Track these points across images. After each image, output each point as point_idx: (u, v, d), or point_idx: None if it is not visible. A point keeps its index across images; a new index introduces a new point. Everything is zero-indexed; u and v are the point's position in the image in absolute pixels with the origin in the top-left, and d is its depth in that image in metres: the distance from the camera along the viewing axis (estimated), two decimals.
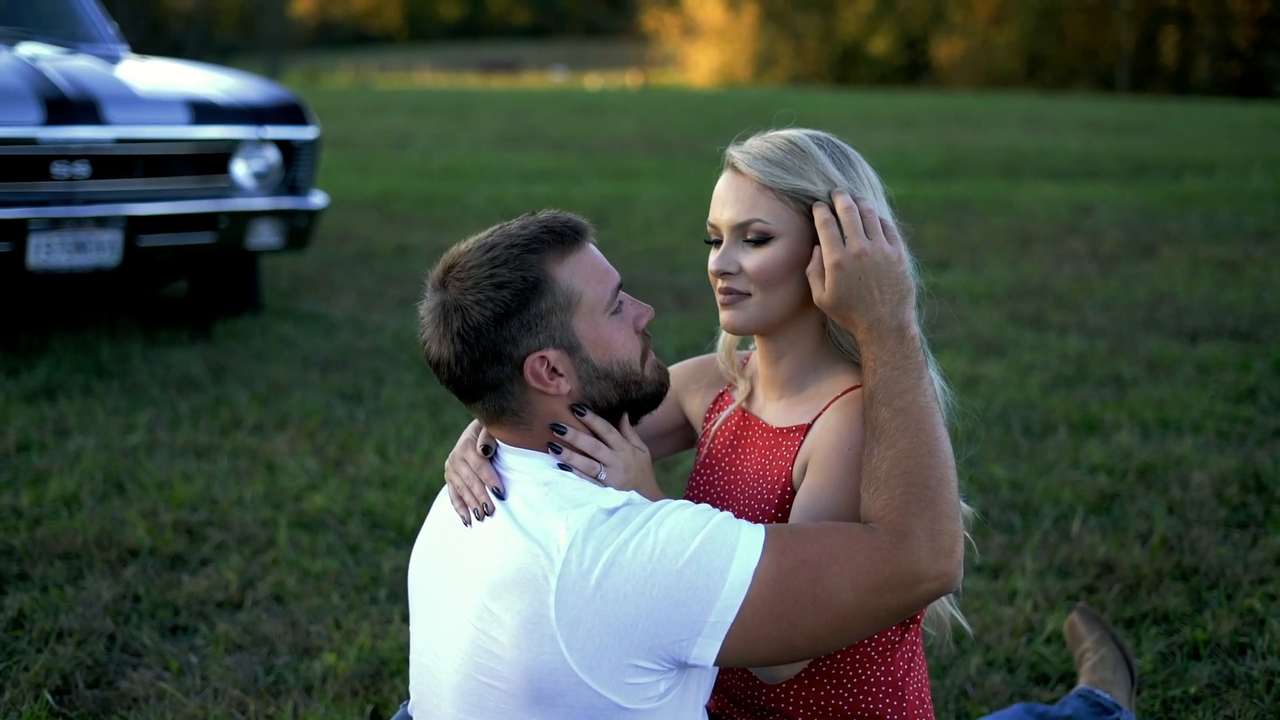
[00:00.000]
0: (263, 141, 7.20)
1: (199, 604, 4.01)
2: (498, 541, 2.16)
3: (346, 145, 19.50)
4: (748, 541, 2.06)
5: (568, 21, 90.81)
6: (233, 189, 7.17)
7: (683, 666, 2.09)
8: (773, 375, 2.41)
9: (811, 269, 2.24)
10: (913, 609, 2.09)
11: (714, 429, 2.53)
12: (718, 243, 2.33)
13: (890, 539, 2.07)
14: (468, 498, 2.25)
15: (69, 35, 8.28)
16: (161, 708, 3.40)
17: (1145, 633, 3.73)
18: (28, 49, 7.57)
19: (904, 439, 2.13)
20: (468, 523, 2.24)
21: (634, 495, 2.17)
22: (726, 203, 2.31)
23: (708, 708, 2.42)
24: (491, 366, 2.17)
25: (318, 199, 7.44)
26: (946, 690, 3.45)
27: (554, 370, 2.18)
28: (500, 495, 2.21)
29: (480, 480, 2.25)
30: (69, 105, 6.62)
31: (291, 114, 7.37)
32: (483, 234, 2.26)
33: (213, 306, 7.81)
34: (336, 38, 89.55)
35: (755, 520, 2.33)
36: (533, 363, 2.17)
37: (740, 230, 2.29)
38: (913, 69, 57.40)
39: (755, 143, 2.33)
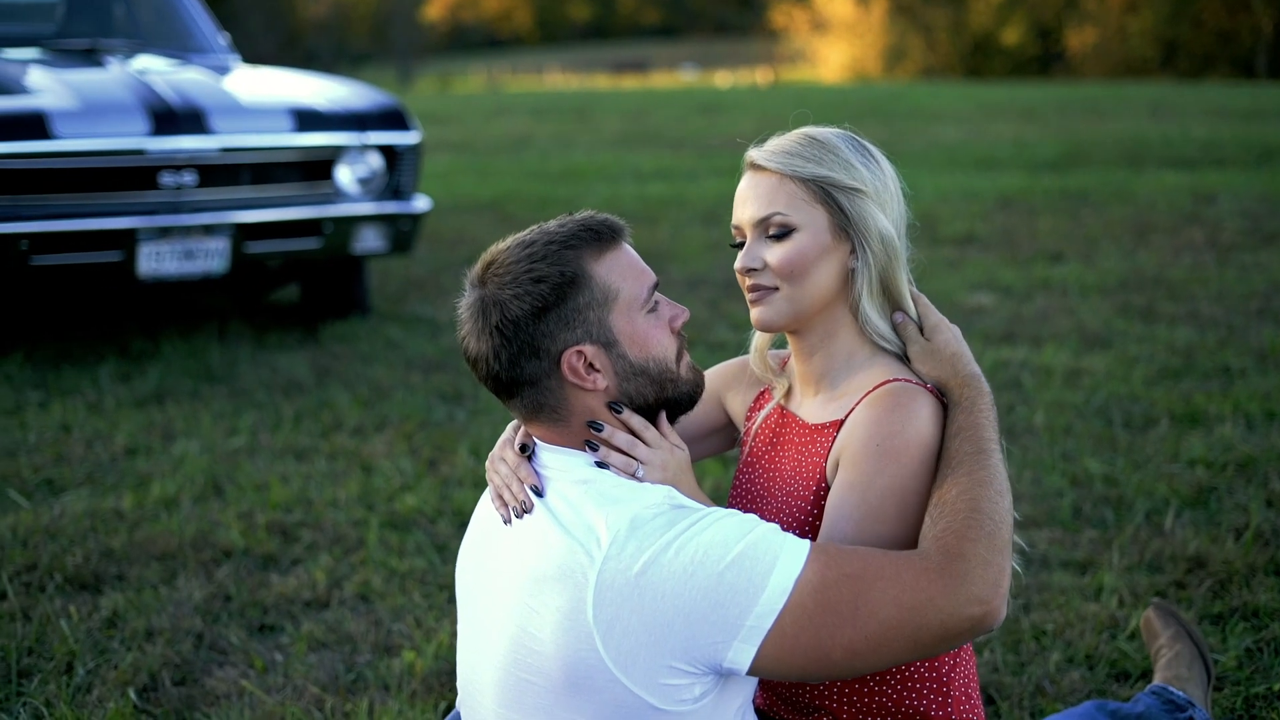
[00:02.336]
0: (366, 147, 7.31)
1: (287, 603, 4.08)
2: (537, 539, 2.18)
3: (467, 149, 19.68)
4: (792, 551, 2.05)
5: (697, 20, 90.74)
6: (337, 195, 7.29)
7: (718, 672, 2.09)
8: (807, 371, 2.40)
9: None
10: (951, 638, 2.07)
11: (754, 427, 2.53)
12: (743, 244, 2.34)
13: (941, 558, 2.07)
14: (507, 496, 2.27)
15: (181, 47, 8.48)
16: (242, 705, 3.47)
17: (1232, 629, 3.65)
18: (141, 62, 7.77)
19: (979, 472, 2.16)
20: (507, 521, 2.26)
21: (675, 493, 2.17)
22: (747, 201, 2.33)
23: (755, 704, 2.43)
24: (529, 361, 2.19)
25: (421, 203, 7.53)
26: (1022, 687, 3.40)
27: (591, 365, 2.20)
28: (539, 493, 2.22)
29: (518, 479, 2.27)
30: (175, 116, 6.77)
31: (394, 120, 7.47)
32: (521, 233, 2.28)
33: (321, 311, 7.93)
34: (468, 42, 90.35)
35: (792, 517, 2.33)
36: (570, 357, 2.18)
37: (762, 226, 2.30)
38: (1046, 59, 56.56)
39: (774, 140, 2.35)
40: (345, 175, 7.29)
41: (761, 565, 2.03)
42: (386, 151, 7.40)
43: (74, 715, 3.37)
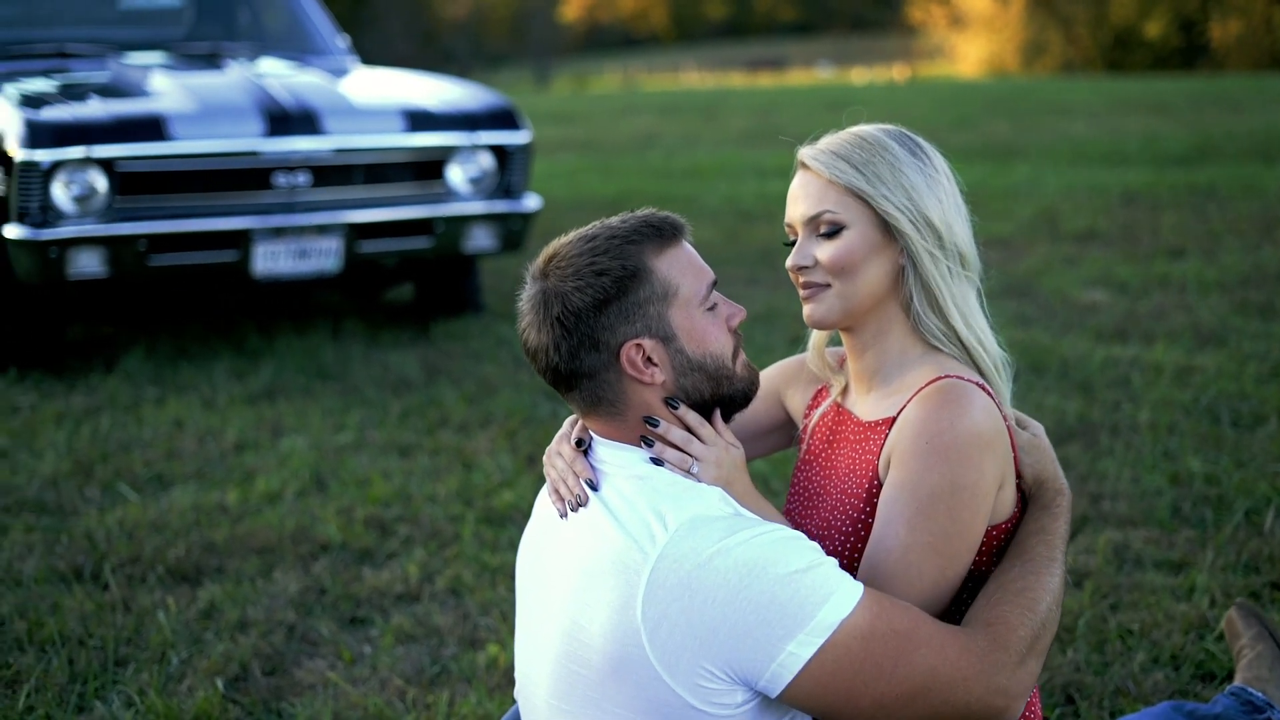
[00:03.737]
0: (477, 147, 7.38)
1: (379, 596, 4.14)
2: (592, 533, 2.20)
3: (593, 148, 19.78)
4: (847, 592, 2.06)
5: (834, 17, 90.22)
6: (448, 194, 7.37)
7: (752, 689, 2.09)
8: (860, 369, 2.40)
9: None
10: (968, 717, 2.12)
11: (811, 425, 2.53)
12: (795, 242, 2.34)
13: (987, 644, 2.12)
14: (563, 490, 2.29)
15: (301, 50, 8.65)
16: (326, 695, 3.53)
17: None
18: (261, 65, 7.93)
19: (1047, 578, 2.23)
20: (563, 515, 2.28)
21: (730, 498, 2.18)
22: (798, 199, 2.34)
23: None
24: (589, 354, 2.21)
25: (531, 202, 7.59)
26: (1103, 687, 3.36)
27: (649, 359, 2.21)
28: (594, 487, 2.24)
29: (574, 472, 2.28)
30: (289, 118, 6.90)
31: (504, 120, 7.53)
32: (584, 228, 2.30)
33: (434, 309, 8.03)
34: (605, 41, 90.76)
35: (845, 515, 2.32)
36: (628, 350, 2.19)
37: (813, 224, 2.31)
38: (1189, 52, 55.37)
39: (826, 139, 2.35)
40: (456, 175, 7.37)
41: (815, 595, 2.04)
42: (497, 151, 7.47)
43: (164, 704, 3.46)
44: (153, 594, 4.15)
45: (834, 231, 2.29)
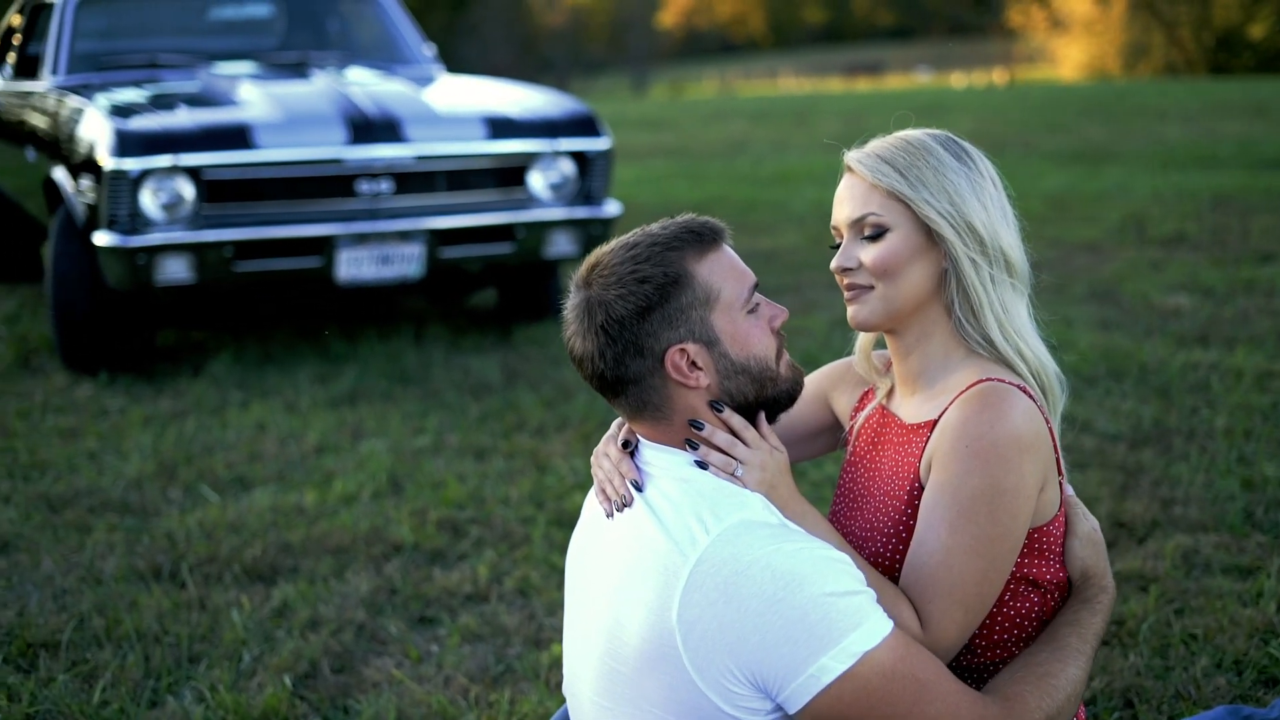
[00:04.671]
0: (557, 154, 7.44)
1: (448, 596, 4.20)
2: (635, 533, 2.23)
3: (682, 154, 19.81)
4: (875, 625, 2.08)
5: (933, 21, 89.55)
6: (529, 200, 7.43)
7: (774, 701, 2.12)
8: (904, 371, 2.42)
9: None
10: None
11: (857, 427, 2.55)
12: (840, 245, 2.37)
13: (1001, 712, 2.16)
14: (609, 490, 2.33)
15: (388, 59, 8.78)
16: (391, 693, 3.60)
17: None
18: (348, 74, 8.06)
19: (1073, 670, 2.26)
20: (609, 515, 2.31)
21: (772, 507, 2.20)
22: (843, 202, 2.37)
23: None
24: (634, 360, 2.24)
25: (612, 208, 7.63)
26: (1163, 691, 3.34)
27: (693, 363, 2.24)
28: (639, 488, 2.27)
29: (620, 473, 2.32)
30: (372, 126, 7.00)
31: (585, 126, 7.59)
32: (625, 236, 2.34)
33: (515, 314, 8.10)
34: (703, 47, 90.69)
35: (888, 517, 2.34)
36: (673, 355, 2.22)
37: (857, 227, 2.33)
38: None
39: (873, 143, 2.38)
40: (537, 181, 7.44)
41: (845, 621, 2.06)
42: (578, 157, 7.52)
43: (233, 699, 3.53)
44: (228, 593, 4.24)
45: (878, 234, 2.31)
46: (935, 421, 2.30)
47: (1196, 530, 4.33)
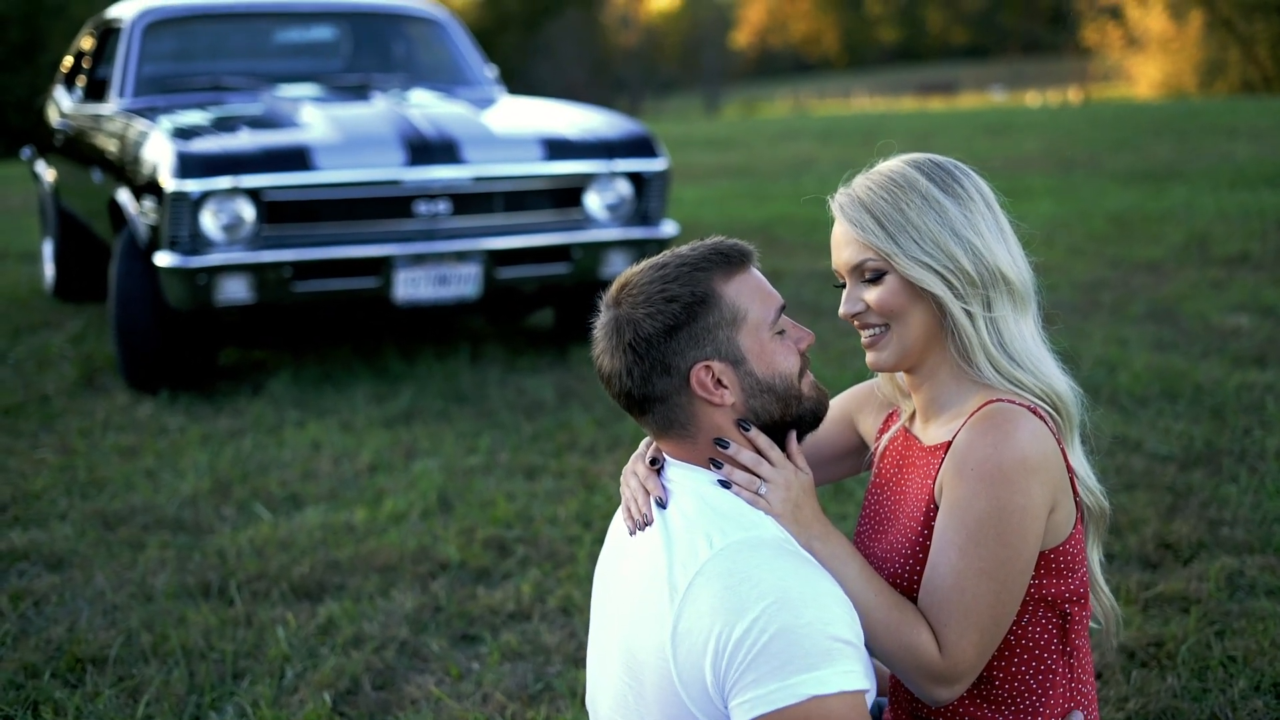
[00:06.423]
0: (614, 175, 7.48)
1: (491, 614, 4.23)
2: (651, 550, 2.26)
3: (748, 174, 19.81)
4: (838, 677, 2.06)
5: (1007, 39, 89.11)
6: (586, 221, 7.47)
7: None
8: (921, 401, 2.44)
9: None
10: None
11: (881, 448, 2.55)
12: (844, 286, 2.39)
13: None
14: (633, 508, 2.35)
15: (450, 81, 8.87)
16: (430, 710, 3.63)
17: None
18: (409, 96, 8.14)
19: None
20: (632, 532, 2.34)
21: (790, 538, 2.22)
22: (840, 247, 2.40)
23: None
24: (660, 378, 2.27)
25: (668, 228, 7.66)
26: (1199, 713, 3.31)
27: (719, 381, 2.26)
28: (662, 505, 2.29)
29: (645, 490, 2.34)
30: (430, 147, 7.06)
31: (642, 147, 7.62)
32: (655, 257, 2.37)
33: (572, 334, 8.14)
34: (777, 67, 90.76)
35: (907, 539, 2.34)
36: (699, 372, 2.25)
37: (857, 271, 2.37)
38: None
39: (858, 182, 2.39)
40: (594, 202, 7.48)
41: (808, 659, 2.05)
42: (634, 178, 7.56)
43: (274, 716, 3.58)
44: (274, 609, 4.29)
45: (877, 277, 2.34)
46: (949, 444, 2.30)
47: (1243, 552, 4.30)
